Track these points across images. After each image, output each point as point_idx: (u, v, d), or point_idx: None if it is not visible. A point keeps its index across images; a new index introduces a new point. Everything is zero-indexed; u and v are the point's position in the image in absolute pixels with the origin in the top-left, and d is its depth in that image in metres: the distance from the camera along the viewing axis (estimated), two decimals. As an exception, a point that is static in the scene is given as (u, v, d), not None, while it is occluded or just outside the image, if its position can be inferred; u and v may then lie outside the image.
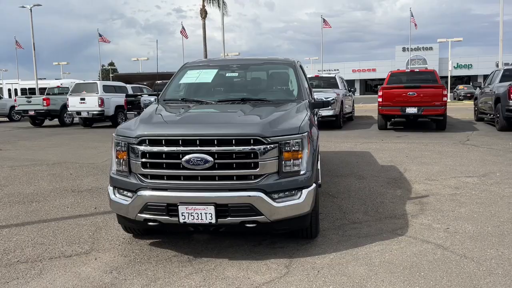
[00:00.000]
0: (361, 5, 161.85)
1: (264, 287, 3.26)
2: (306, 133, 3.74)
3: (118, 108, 19.15)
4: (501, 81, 14.03)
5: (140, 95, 16.57)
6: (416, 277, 3.32)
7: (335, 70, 71.25)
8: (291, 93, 4.97)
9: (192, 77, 5.24)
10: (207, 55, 44.65)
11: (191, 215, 3.57)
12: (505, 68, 15.49)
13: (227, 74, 5.41)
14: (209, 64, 5.50)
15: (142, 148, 3.66)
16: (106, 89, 19.32)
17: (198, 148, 3.55)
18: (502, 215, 4.75)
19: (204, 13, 44.41)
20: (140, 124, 3.88)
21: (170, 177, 3.64)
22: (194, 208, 3.55)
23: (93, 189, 6.51)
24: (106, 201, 5.64)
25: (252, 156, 3.55)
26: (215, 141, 3.55)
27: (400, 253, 3.81)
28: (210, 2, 44.17)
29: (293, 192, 3.67)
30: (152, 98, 5.14)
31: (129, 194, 3.76)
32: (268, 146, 3.55)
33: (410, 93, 13.29)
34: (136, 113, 9.18)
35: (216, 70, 5.32)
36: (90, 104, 18.58)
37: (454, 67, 58.76)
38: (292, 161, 3.65)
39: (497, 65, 26.42)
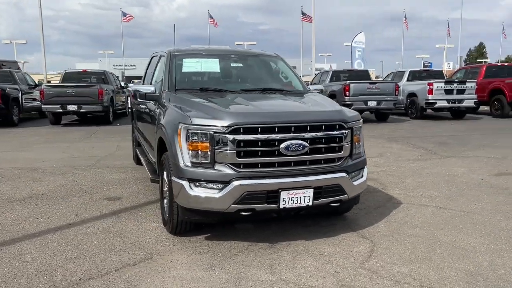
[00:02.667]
0: (138, 1, 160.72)
1: (366, 256, 3.65)
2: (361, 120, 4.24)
3: None
4: (330, 81, 16.85)
5: None
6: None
7: (131, 65, 69.75)
8: (297, 84, 5.29)
9: (193, 65, 5.02)
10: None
11: (291, 200, 3.67)
12: (333, 70, 18.55)
13: (232, 64, 5.36)
14: (201, 53, 5.32)
15: (236, 137, 3.55)
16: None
17: (294, 134, 3.67)
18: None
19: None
20: (223, 112, 3.71)
21: (266, 165, 3.65)
22: (295, 192, 3.67)
23: (33, 196, 5.45)
24: (79, 205, 4.97)
25: (337, 140, 3.86)
26: (308, 127, 3.73)
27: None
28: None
29: (359, 171, 4.13)
30: (151, 88, 4.76)
31: (217, 185, 3.60)
32: (347, 131, 3.92)
33: None
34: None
35: (217, 59, 5.21)
36: None
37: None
38: (358, 144, 4.10)
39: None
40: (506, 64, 21.29)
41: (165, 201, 4.34)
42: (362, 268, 3.41)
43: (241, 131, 3.57)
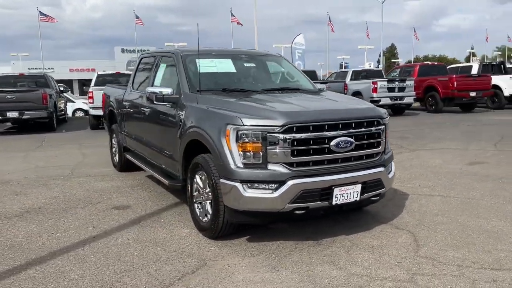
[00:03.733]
0: (48, 0, 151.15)
1: (414, 245, 3.82)
2: None
3: None
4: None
5: None
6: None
7: (49, 68, 65.74)
8: (308, 83, 5.34)
9: (209, 66, 4.89)
10: None
11: (342, 196, 3.74)
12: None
13: (245, 65, 5.27)
14: (212, 53, 5.18)
15: (291, 136, 3.55)
16: None
17: (342, 131, 3.74)
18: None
19: None
20: (275, 112, 3.67)
21: (317, 162, 3.68)
22: (346, 189, 3.75)
23: (30, 210, 4.98)
24: (89, 216, 4.69)
25: (376, 136, 3.99)
26: (353, 124, 3.82)
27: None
28: None
29: (390, 165, 4.30)
30: (169, 89, 4.58)
31: (271, 185, 3.57)
32: (383, 127, 4.07)
33: None
34: None
35: (229, 60, 5.11)
36: None
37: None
38: (387, 140, 4.27)
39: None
40: (436, 63, 23.01)
41: (197, 205, 4.21)
42: (419, 256, 3.57)
43: (294, 130, 3.57)
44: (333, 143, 3.68)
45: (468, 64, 22.37)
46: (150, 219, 4.65)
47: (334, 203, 3.71)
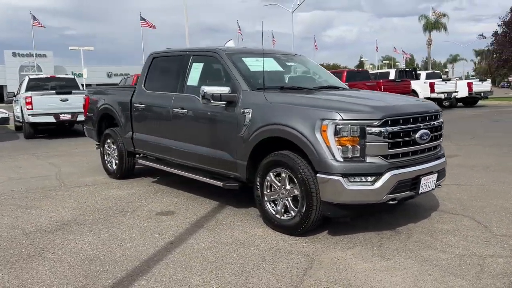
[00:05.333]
0: None
1: (496, 230, 4.19)
2: None
3: None
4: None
5: None
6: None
7: None
8: (339, 81, 5.51)
9: (257, 65, 4.83)
10: None
11: (425, 185, 4.00)
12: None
13: (287, 63, 5.26)
14: (253, 52, 5.12)
15: (388, 129, 3.71)
16: None
17: (424, 124, 3.99)
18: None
19: None
20: (371, 107, 3.82)
21: (404, 154, 3.88)
22: (428, 178, 4.01)
23: (66, 223, 4.50)
24: (139, 224, 4.46)
25: (439, 128, 4.31)
26: (427, 117, 4.10)
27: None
28: None
29: None
30: (226, 89, 4.46)
31: (369, 178, 3.69)
32: (442, 120, 4.41)
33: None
34: None
35: (272, 59, 5.09)
36: None
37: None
38: (439, 132, 4.63)
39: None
40: (360, 70, 24.80)
41: (269, 204, 4.18)
42: (498, 235, 3.93)
43: (389, 123, 3.74)
44: (417, 135, 3.90)
45: (385, 70, 24.44)
46: (209, 222, 4.48)
47: (420, 192, 3.95)
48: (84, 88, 16.03)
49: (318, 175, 3.73)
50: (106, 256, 3.63)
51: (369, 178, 3.69)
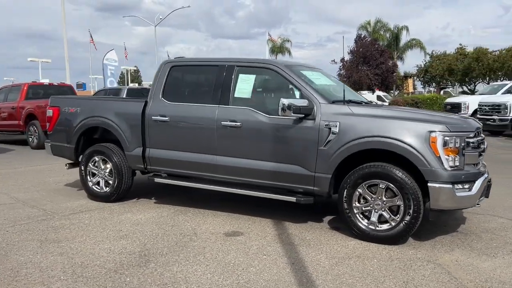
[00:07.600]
0: None
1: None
2: None
3: None
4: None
5: None
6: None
7: None
8: (358, 96, 5.75)
9: (317, 78, 4.83)
10: None
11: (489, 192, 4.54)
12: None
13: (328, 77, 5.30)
14: (303, 65, 5.09)
15: (477, 140, 4.16)
16: None
17: (479, 138, 4.46)
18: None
19: None
20: (466, 120, 4.34)
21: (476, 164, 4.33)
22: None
23: (149, 250, 3.85)
24: (218, 248, 4.31)
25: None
26: (477, 132, 4.63)
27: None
28: None
29: None
30: (305, 102, 4.39)
31: (466, 185, 4.06)
32: None
33: None
34: None
35: (320, 72, 5.12)
36: None
37: None
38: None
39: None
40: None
41: (359, 216, 4.26)
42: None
43: (473, 136, 4.18)
44: (482, 146, 4.42)
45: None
46: (290, 239, 4.33)
47: (488, 196, 4.47)
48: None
49: (429, 184, 3.96)
50: (252, 284, 3.27)
51: (466, 185, 4.06)
